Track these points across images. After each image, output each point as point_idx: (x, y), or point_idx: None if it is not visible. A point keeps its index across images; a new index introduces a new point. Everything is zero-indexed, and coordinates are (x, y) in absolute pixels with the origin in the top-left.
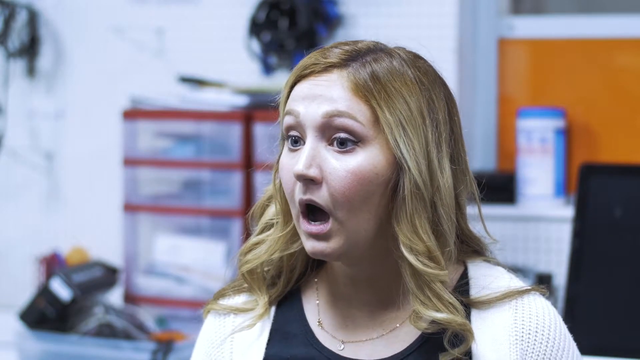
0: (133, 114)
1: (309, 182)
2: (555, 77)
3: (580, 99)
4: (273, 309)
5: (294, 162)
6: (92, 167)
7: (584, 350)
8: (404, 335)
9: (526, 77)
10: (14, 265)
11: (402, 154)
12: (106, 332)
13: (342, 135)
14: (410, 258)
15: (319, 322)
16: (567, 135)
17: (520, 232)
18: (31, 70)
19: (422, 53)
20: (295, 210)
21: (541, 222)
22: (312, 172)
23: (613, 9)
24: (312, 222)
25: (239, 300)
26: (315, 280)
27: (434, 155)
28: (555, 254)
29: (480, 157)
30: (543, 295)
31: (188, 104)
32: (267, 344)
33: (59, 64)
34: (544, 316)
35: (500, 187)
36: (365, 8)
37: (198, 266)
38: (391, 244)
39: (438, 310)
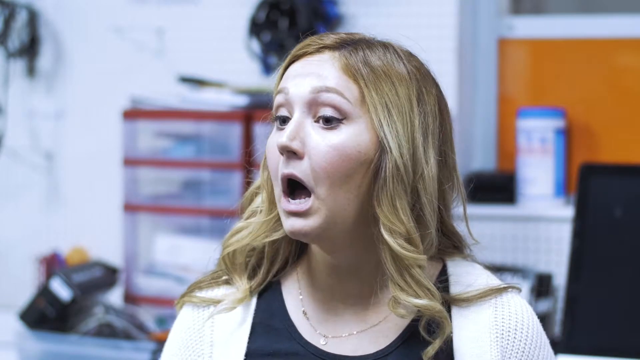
0: (133, 114)
1: (292, 154)
2: (555, 77)
3: (580, 99)
4: (254, 300)
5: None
6: (92, 167)
7: (584, 350)
8: (388, 331)
9: (526, 77)
10: (14, 265)
11: (384, 135)
12: (106, 332)
13: (328, 111)
14: (390, 240)
15: (303, 313)
16: (567, 135)
17: (520, 232)
18: (31, 70)
19: (421, 54)
20: (278, 190)
21: (541, 222)
22: (295, 145)
23: (613, 9)
24: (292, 201)
25: (218, 292)
26: (297, 272)
27: (420, 142)
28: (555, 254)
29: (480, 157)
30: (519, 292)
31: (188, 104)
32: (250, 338)
33: (59, 64)
34: (522, 314)
35: (500, 187)
36: (365, 8)
37: (198, 266)
38: (373, 228)
39: (417, 297)
